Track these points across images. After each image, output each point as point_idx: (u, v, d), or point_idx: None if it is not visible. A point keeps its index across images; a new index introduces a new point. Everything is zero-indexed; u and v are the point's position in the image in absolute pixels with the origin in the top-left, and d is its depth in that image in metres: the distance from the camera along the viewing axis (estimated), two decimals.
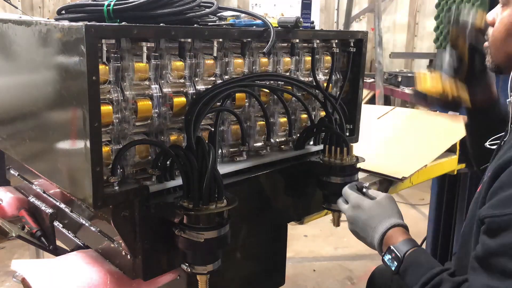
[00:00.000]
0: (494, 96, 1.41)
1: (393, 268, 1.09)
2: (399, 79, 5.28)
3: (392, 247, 1.09)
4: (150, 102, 1.16)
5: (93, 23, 0.98)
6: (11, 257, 2.99)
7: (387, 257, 1.10)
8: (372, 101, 5.73)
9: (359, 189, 1.27)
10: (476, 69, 1.34)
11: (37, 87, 1.19)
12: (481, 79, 1.37)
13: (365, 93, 5.80)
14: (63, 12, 1.20)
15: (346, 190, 1.27)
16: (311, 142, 1.59)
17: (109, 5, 1.10)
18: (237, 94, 1.35)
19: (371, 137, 2.18)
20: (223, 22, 1.37)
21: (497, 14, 1.13)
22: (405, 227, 1.14)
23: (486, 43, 1.18)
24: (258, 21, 1.33)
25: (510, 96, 1.10)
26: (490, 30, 1.15)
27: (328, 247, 3.38)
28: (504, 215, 0.88)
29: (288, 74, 1.47)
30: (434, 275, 1.00)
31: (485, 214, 0.92)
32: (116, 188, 1.11)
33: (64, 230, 1.48)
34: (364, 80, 1.72)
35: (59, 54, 1.05)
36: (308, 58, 1.50)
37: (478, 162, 1.44)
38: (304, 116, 1.56)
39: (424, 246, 2.55)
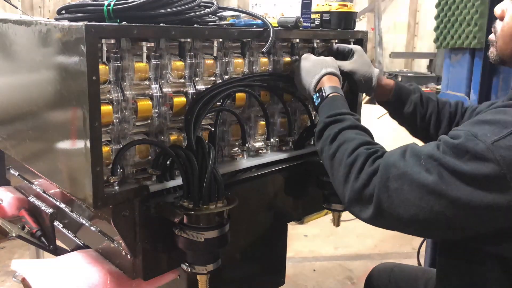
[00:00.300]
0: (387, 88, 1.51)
1: (316, 104, 1.28)
2: (399, 79, 5.29)
3: (321, 88, 1.28)
4: (150, 102, 1.16)
5: (93, 23, 0.98)
6: (11, 257, 2.99)
7: (316, 95, 1.29)
8: (372, 100, 5.73)
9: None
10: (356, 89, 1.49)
11: (37, 87, 1.19)
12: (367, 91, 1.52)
13: None
14: (63, 12, 1.20)
15: (305, 53, 1.41)
16: (311, 142, 1.59)
17: (109, 5, 1.10)
18: (237, 94, 1.35)
19: None
20: (223, 22, 1.37)
21: (507, 9, 1.12)
22: (338, 77, 1.33)
23: (491, 36, 1.18)
24: (258, 21, 1.33)
25: None
26: (498, 24, 1.15)
27: (328, 247, 3.38)
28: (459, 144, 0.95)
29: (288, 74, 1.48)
30: (339, 113, 1.19)
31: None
32: (116, 188, 1.11)
33: (64, 230, 1.48)
34: None
35: (59, 54, 1.05)
36: None
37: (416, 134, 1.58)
38: (304, 116, 1.56)
39: (424, 245, 2.55)
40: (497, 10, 1.14)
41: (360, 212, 1.05)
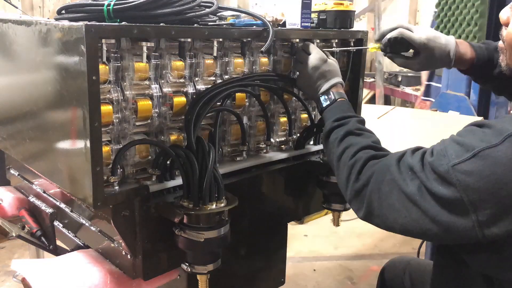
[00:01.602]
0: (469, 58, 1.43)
1: (324, 105, 1.33)
2: (399, 79, 5.29)
3: (331, 92, 1.34)
4: (150, 102, 1.16)
5: (93, 23, 0.98)
6: (11, 256, 2.99)
7: (324, 97, 1.34)
8: (372, 100, 5.73)
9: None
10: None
11: (37, 87, 1.19)
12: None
13: (365, 93, 5.80)
14: (63, 12, 1.20)
15: (310, 44, 1.41)
16: (311, 142, 1.59)
17: (109, 5, 1.10)
18: (237, 94, 1.35)
19: None
20: (223, 22, 1.37)
21: None
22: (342, 85, 1.39)
23: (500, 44, 1.15)
24: (258, 21, 1.33)
25: None
26: (504, 31, 1.10)
27: (328, 246, 3.38)
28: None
29: (288, 74, 1.47)
30: (346, 116, 1.26)
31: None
32: (116, 188, 1.11)
33: (64, 230, 1.48)
34: (364, 80, 1.71)
35: (59, 54, 1.05)
36: None
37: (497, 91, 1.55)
38: (304, 115, 1.56)
39: (424, 245, 2.55)
40: (503, 15, 1.09)
41: (357, 210, 1.13)
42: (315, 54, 1.37)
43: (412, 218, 1.00)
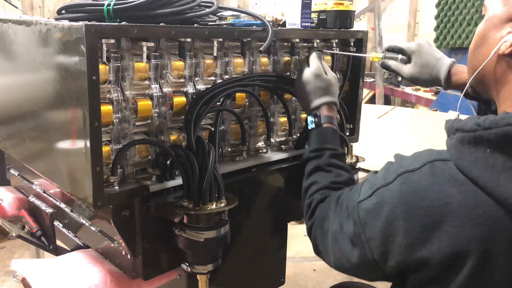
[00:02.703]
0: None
1: (309, 127, 1.33)
2: (399, 79, 5.29)
3: (319, 114, 1.31)
4: (150, 102, 1.16)
5: (93, 23, 0.98)
6: (11, 256, 2.99)
7: (311, 118, 1.33)
8: (372, 100, 5.73)
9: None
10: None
11: (37, 87, 1.19)
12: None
13: (365, 93, 5.80)
14: (63, 12, 1.20)
15: (312, 55, 1.39)
16: None
17: (109, 4, 1.10)
18: (237, 94, 1.35)
19: (371, 137, 2.18)
20: (223, 22, 1.37)
21: None
22: (336, 105, 1.37)
23: None
24: (258, 21, 1.33)
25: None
26: None
27: None
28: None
29: (288, 74, 1.47)
30: (323, 148, 1.27)
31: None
32: (116, 188, 1.11)
33: (64, 230, 1.48)
34: (364, 80, 1.71)
35: (59, 54, 1.05)
36: None
37: None
38: (304, 115, 1.56)
39: None
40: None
41: (313, 246, 1.19)
42: (312, 68, 1.34)
43: (337, 256, 1.05)
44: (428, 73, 1.37)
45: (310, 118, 1.33)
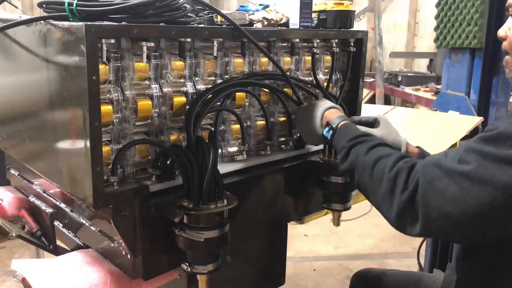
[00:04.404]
0: None
1: (328, 137, 1.28)
2: (399, 79, 5.29)
3: (328, 121, 1.29)
4: (150, 102, 1.16)
5: (93, 23, 0.98)
6: (11, 256, 2.99)
7: (325, 129, 1.30)
8: (372, 100, 5.73)
9: None
10: None
11: (37, 87, 1.19)
12: None
13: (365, 93, 5.80)
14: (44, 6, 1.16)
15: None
16: None
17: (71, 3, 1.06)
18: (237, 94, 1.35)
19: None
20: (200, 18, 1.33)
21: (509, 28, 1.11)
22: (338, 109, 1.36)
23: (506, 57, 1.15)
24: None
25: None
26: (506, 45, 1.13)
27: (328, 246, 3.38)
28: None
29: (288, 73, 1.47)
30: (361, 135, 1.18)
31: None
32: (116, 187, 1.11)
33: (64, 230, 1.48)
34: (364, 80, 1.71)
35: (59, 54, 1.05)
36: (308, 58, 1.50)
37: None
38: None
39: (424, 246, 2.55)
40: (501, 32, 1.13)
41: (411, 224, 1.00)
42: (297, 113, 1.40)
43: (484, 202, 0.91)
44: (393, 138, 1.32)
45: (324, 131, 1.30)
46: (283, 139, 1.52)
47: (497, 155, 0.91)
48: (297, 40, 1.44)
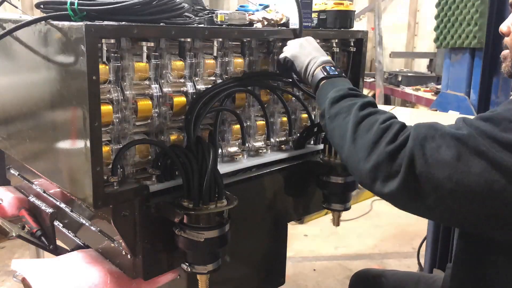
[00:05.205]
0: None
1: (330, 72, 1.22)
2: (399, 79, 5.29)
3: (326, 66, 1.24)
4: (150, 102, 1.16)
5: (93, 23, 0.98)
6: (11, 256, 2.99)
7: (329, 66, 1.24)
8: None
9: None
10: None
11: (37, 87, 1.19)
12: None
13: (365, 93, 5.79)
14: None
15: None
16: (311, 142, 1.59)
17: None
18: (237, 94, 1.35)
19: None
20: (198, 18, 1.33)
21: None
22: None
23: (504, 52, 1.15)
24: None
25: None
26: (508, 40, 1.12)
27: (328, 246, 3.38)
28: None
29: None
30: (362, 93, 1.16)
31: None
32: (116, 187, 1.11)
33: (64, 230, 1.48)
34: (364, 80, 1.71)
35: (59, 54, 1.05)
36: None
37: None
38: (304, 115, 1.56)
39: (424, 246, 2.55)
40: (503, 27, 1.12)
41: (382, 181, 0.96)
42: (299, 39, 1.35)
43: (473, 172, 0.87)
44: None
45: (328, 66, 1.24)
46: (283, 139, 1.52)
47: (491, 134, 0.89)
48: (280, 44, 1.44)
